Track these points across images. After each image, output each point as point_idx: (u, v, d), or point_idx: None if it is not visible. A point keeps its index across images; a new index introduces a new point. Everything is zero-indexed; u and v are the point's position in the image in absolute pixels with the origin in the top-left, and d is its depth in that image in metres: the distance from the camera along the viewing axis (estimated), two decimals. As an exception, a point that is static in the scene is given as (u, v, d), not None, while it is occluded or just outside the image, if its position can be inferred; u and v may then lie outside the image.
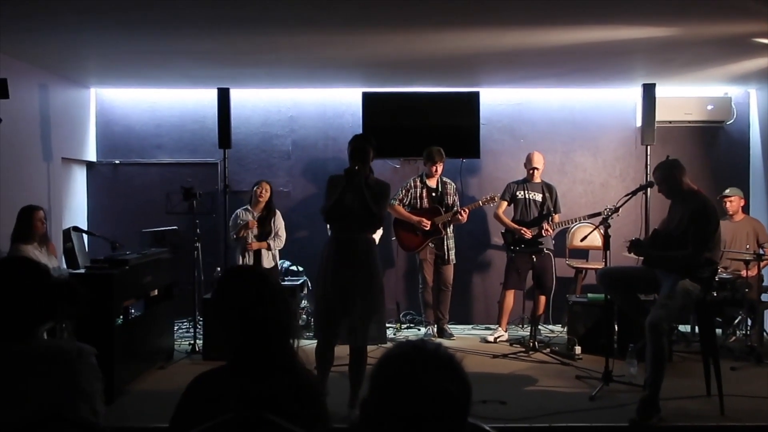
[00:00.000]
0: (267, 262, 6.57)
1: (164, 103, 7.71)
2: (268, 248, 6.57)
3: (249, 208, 6.65)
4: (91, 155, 7.63)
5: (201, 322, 6.12)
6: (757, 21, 4.76)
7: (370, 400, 1.37)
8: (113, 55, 6.07)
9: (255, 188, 6.65)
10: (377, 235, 6.52)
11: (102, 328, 4.80)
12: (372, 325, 4.56)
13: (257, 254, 6.54)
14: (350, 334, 4.38)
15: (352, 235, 4.38)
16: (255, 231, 6.55)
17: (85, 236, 6.47)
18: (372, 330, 4.65)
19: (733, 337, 6.35)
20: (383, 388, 1.37)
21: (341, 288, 4.33)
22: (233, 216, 6.65)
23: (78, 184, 7.58)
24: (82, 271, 5.19)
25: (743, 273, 5.97)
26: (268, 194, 6.61)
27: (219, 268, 6.79)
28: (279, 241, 6.66)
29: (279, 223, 6.68)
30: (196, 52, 5.88)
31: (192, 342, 6.21)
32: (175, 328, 6.55)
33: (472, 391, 1.39)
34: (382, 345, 5.84)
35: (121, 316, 5.24)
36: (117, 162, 7.71)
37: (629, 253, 4.89)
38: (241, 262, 6.49)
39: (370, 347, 4.52)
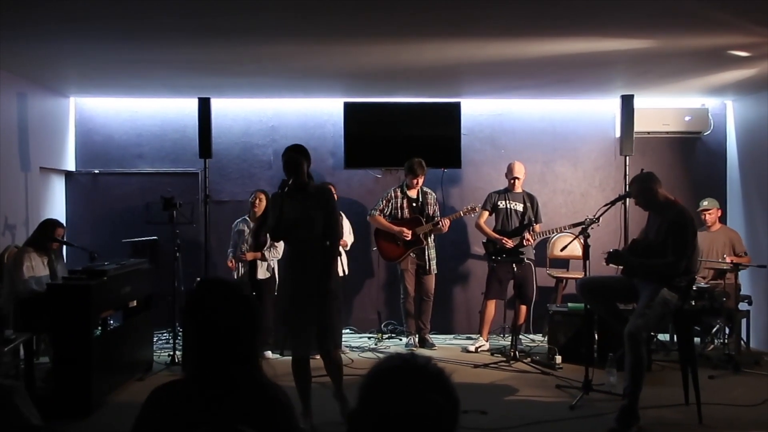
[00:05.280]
0: (261, 272, 6.47)
1: (145, 113, 7.66)
2: (263, 258, 6.45)
3: (247, 218, 6.60)
4: (70, 165, 7.56)
5: (181, 333, 6.07)
6: (732, 34, 4.84)
7: (359, 411, 1.36)
8: (93, 64, 6.02)
9: (251, 198, 6.59)
10: (350, 239, 6.56)
11: (80, 339, 4.75)
12: (337, 328, 4.68)
13: (252, 265, 6.46)
14: (319, 339, 4.38)
15: (302, 246, 4.40)
16: (249, 240, 6.48)
17: (63, 247, 6.40)
18: (337, 334, 4.83)
19: (711, 346, 6.42)
20: (372, 400, 1.35)
21: (302, 298, 4.34)
22: (233, 227, 6.65)
23: (56, 193, 7.50)
24: (60, 282, 5.12)
25: (720, 282, 6.04)
26: (264, 204, 6.43)
27: (199, 279, 6.74)
28: (275, 252, 6.45)
29: None
30: (177, 61, 5.85)
31: (171, 353, 6.17)
32: (155, 339, 6.50)
33: (460, 406, 1.39)
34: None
35: (100, 328, 5.18)
36: (96, 171, 7.64)
37: (607, 264, 4.94)
38: (238, 273, 6.47)
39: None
